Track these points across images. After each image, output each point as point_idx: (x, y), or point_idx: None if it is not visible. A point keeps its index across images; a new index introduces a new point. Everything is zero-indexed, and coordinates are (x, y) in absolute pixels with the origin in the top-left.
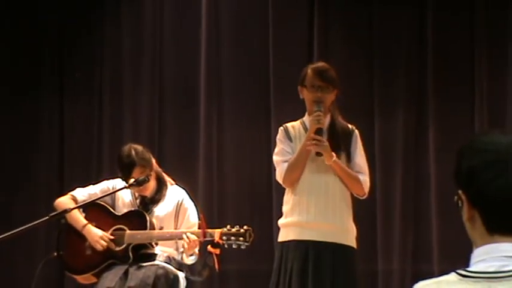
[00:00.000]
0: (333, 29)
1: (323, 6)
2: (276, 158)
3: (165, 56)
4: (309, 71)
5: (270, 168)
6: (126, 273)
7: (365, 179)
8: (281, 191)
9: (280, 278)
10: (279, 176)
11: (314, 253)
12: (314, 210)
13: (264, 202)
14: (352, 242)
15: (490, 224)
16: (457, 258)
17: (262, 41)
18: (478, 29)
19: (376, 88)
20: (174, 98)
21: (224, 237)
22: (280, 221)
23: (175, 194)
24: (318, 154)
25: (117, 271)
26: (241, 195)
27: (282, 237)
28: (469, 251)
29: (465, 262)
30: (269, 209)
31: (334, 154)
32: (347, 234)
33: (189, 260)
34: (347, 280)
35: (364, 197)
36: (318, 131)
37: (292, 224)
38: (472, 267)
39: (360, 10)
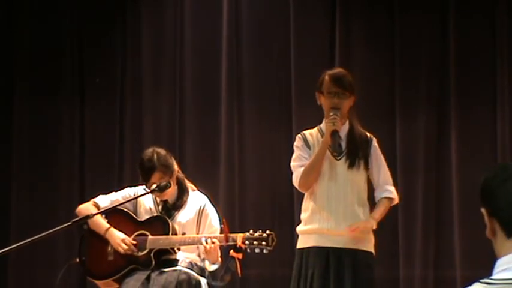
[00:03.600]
0: (354, 33)
1: (345, 11)
2: (293, 163)
3: (186, 60)
4: (326, 77)
5: (291, 173)
6: (148, 278)
7: (393, 190)
8: (301, 196)
9: (301, 284)
10: (295, 180)
11: (335, 259)
12: (334, 218)
13: (285, 207)
14: (370, 248)
15: (507, 228)
16: (479, 264)
17: (283, 44)
18: (499, 35)
19: (398, 93)
20: (194, 102)
21: (247, 242)
22: (299, 228)
23: (197, 200)
24: (335, 156)
25: (139, 276)
26: (262, 199)
27: (302, 243)
28: (492, 257)
29: (487, 267)
30: (290, 214)
31: (372, 221)
32: (365, 240)
33: (212, 268)
34: (367, 284)
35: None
36: (334, 134)
37: (313, 231)
38: (496, 276)
39: (382, 15)
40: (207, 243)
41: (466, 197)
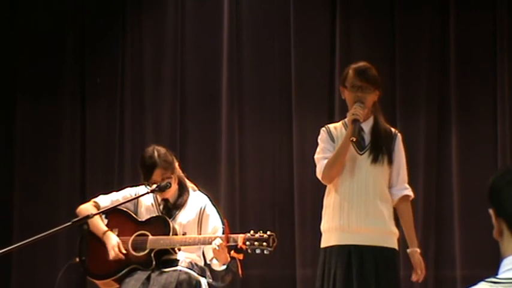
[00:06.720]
0: (354, 33)
1: (345, 11)
2: (316, 155)
3: (187, 61)
4: (350, 71)
5: (292, 172)
6: (148, 278)
7: (409, 189)
8: (302, 196)
9: (324, 283)
10: (318, 173)
11: (357, 257)
12: (355, 214)
13: (285, 207)
14: (393, 244)
15: None
16: (479, 264)
17: (283, 45)
18: (500, 35)
19: (398, 93)
20: (195, 102)
21: (248, 243)
22: (322, 226)
23: (197, 201)
24: (356, 147)
25: (139, 276)
26: (262, 199)
27: (324, 242)
28: (492, 257)
29: (487, 267)
30: (290, 214)
31: (417, 251)
32: (388, 237)
33: (221, 268)
34: (391, 282)
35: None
36: (355, 122)
37: (334, 228)
38: (501, 275)
39: (382, 15)
40: (216, 245)
41: (466, 197)
